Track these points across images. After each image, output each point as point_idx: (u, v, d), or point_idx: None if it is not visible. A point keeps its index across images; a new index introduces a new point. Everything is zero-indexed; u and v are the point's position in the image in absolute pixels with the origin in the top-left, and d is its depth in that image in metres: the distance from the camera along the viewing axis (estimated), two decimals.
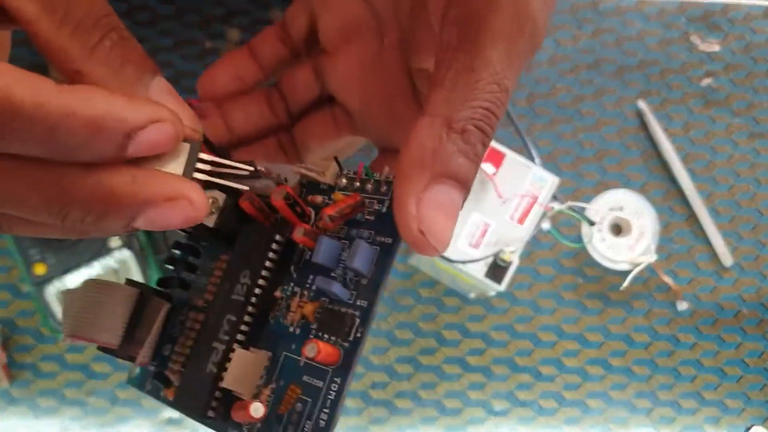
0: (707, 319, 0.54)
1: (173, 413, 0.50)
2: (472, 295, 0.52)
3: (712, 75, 0.56)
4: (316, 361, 0.22)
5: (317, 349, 0.21)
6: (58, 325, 0.49)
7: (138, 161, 0.20)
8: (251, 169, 0.23)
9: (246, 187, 0.23)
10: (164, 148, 0.20)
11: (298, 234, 0.23)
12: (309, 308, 0.23)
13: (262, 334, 0.24)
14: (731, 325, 0.54)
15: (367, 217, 0.23)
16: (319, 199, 0.24)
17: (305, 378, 0.23)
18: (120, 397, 0.50)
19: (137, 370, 0.27)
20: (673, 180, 0.54)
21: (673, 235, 0.54)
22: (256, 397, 0.23)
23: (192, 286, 0.26)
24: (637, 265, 0.48)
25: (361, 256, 0.22)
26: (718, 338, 0.53)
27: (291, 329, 0.24)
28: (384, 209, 0.23)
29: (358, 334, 0.22)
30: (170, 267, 0.26)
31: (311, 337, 0.23)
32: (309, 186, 0.25)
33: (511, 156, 0.44)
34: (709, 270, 0.54)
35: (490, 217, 0.44)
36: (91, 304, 0.24)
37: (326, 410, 0.22)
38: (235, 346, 0.23)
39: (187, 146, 0.21)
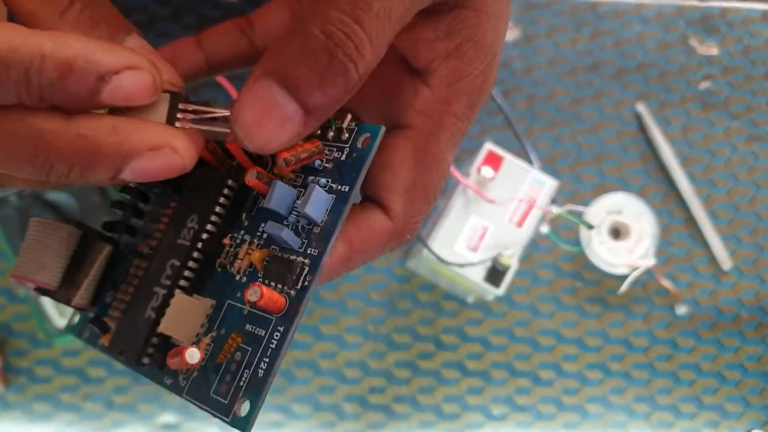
0: (706, 322, 0.53)
1: (170, 417, 0.50)
2: (470, 299, 0.51)
3: (711, 78, 0.56)
4: (258, 307, 0.21)
5: (260, 293, 0.20)
6: (54, 329, 0.48)
7: (119, 112, 0.19)
8: (228, 114, 0.21)
9: (228, 130, 0.22)
10: (143, 97, 0.19)
11: (251, 177, 0.22)
12: (257, 255, 0.22)
13: (208, 282, 0.23)
14: (730, 328, 0.53)
15: (326, 165, 0.22)
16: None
17: (248, 327, 0.22)
18: (116, 402, 0.50)
19: (77, 318, 0.26)
20: (671, 183, 0.54)
21: (672, 238, 0.54)
22: (195, 345, 0.22)
23: (138, 233, 0.26)
24: (635, 268, 0.48)
25: (315, 202, 0.21)
26: (717, 342, 0.53)
27: (237, 277, 0.23)
28: (343, 157, 0.22)
29: (306, 283, 0.21)
30: (118, 211, 0.25)
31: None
32: None
33: (509, 159, 0.44)
34: (708, 274, 0.54)
35: (489, 220, 0.43)
36: (34, 243, 0.23)
37: (266, 359, 0.21)
38: (177, 291, 0.22)
39: (167, 96, 0.20)
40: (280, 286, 0.21)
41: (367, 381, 0.51)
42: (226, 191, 0.23)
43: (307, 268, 0.21)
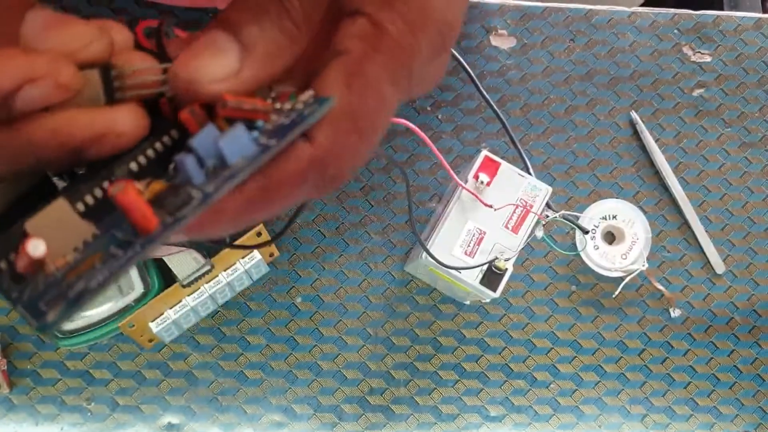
0: (700, 326, 0.54)
1: (173, 418, 0.50)
2: (467, 302, 0.52)
3: (704, 86, 0.57)
4: (120, 204, 0.18)
5: (124, 189, 0.18)
6: (59, 331, 0.49)
7: (53, 108, 0.18)
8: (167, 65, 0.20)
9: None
10: (59, 97, 0.18)
11: (185, 111, 0.20)
12: (156, 186, 0.19)
13: (106, 217, 0.20)
14: (724, 332, 0.54)
15: (267, 127, 0.20)
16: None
17: (111, 249, 0.19)
18: (120, 404, 0.51)
19: None
20: (665, 189, 0.55)
21: (666, 243, 0.55)
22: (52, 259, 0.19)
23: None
24: (629, 272, 0.49)
25: (233, 140, 0.19)
26: (711, 345, 0.54)
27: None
28: (287, 122, 0.20)
29: (184, 214, 0.18)
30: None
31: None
32: None
33: (505, 166, 0.45)
34: (702, 277, 0.55)
35: (486, 225, 0.44)
36: None
37: (105, 271, 0.18)
38: (61, 198, 0.19)
39: (95, 72, 0.19)
40: (162, 213, 0.19)
41: (367, 382, 0.52)
42: (166, 139, 0.21)
43: (194, 201, 0.18)
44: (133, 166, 0.20)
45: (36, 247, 0.18)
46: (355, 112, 0.20)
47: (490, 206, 0.44)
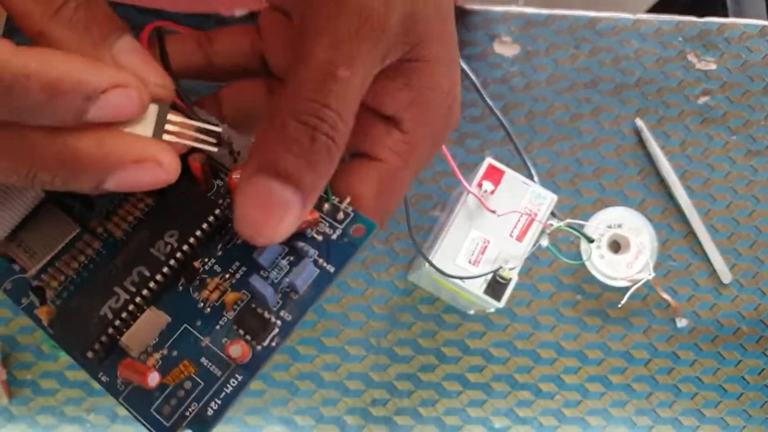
0: (707, 336, 0.54)
1: None
2: (471, 312, 0.52)
3: (709, 93, 0.56)
4: (238, 361, 0.22)
5: (241, 352, 0.22)
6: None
7: (105, 123, 0.19)
8: (219, 130, 0.22)
9: (215, 149, 0.23)
10: (129, 114, 0.19)
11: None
12: (231, 297, 0.23)
13: (166, 296, 0.23)
14: (731, 342, 0.54)
15: (315, 235, 0.23)
16: None
17: (203, 360, 0.22)
18: (119, 415, 0.50)
19: (9, 284, 0.25)
20: (671, 197, 0.55)
21: (672, 252, 0.54)
22: (143, 357, 0.23)
23: (95, 207, 0.25)
24: (635, 282, 0.49)
25: (305, 275, 0.23)
26: (718, 355, 0.54)
27: (201, 306, 0.23)
28: (335, 236, 0.23)
29: (273, 344, 0.22)
30: None
31: (219, 326, 0.23)
32: None
33: (510, 174, 0.45)
34: (708, 287, 0.54)
35: (490, 234, 0.44)
36: None
37: (218, 401, 0.22)
38: (139, 300, 0.22)
39: (155, 107, 0.20)
40: (248, 337, 0.22)
41: (369, 393, 0.51)
42: (211, 219, 0.23)
43: (277, 330, 0.22)
44: (187, 248, 0.23)
45: (153, 380, 0.21)
46: (382, 211, 0.24)
47: (494, 211, 0.44)
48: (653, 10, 0.84)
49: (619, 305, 0.51)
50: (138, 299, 0.23)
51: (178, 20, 0.54)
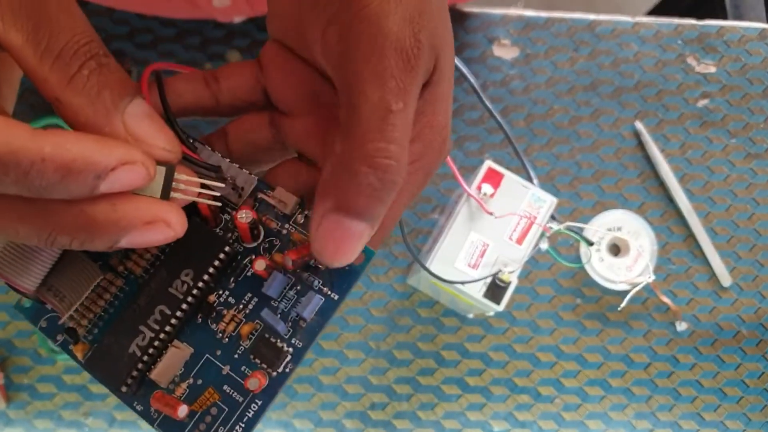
0: (706, 339, 0.53)
1: None
2: (470, 315, 0.52)
3: (709, 96, 0.56)
4: (256, 393, 0.24)
5: (259, 384, 0.24)
6: (56, 346, 0.48)
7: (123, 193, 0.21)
8: (221, 185, 0.25)
9: (219, 204, 0.25)
10: (137, 186, 0.21)
11: (259, 267, 0.25)
12: (246, 329, 0.25)
13: (187, 329, 0.25)
14: (730, 345, 0.54)
15: (319, 265, 0.25)
16: (273, 224, 0.26)
17: (225, 387, 0.25)
18: (117, 418, 0.50)
19: (45, 323, 0.28)
20: (670, 200, 0.55)
21: (671, 255, 0.54)
22: (171, 387, 0.25)
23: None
24: (635, 285, 0.48)
25: (311, 306, 0.25)
26: (718, 359, 0.53)
27: (219, 336, 0.25)
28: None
29: (287, 370, 0.24)
30: None
31: (236, 355, 0.25)
32: (262, 203, 0.26)
33: (509, 176, 0.45)
34: (708, 290, 0.54)
35: (489, 237, 0.44)
36: (18, 246, 0.25)
37: (242, 424, 0.24)
38: (163, 336, 0.25)
39: (162, 170, 0.22)
40: (264, 366, 0.25)
41: (368, 397, 0.51)
42: (222, 256, 0.25)
43: (290, 356, 0.24)
44: (202, 285, 0.25)
45: (182, 412, 0.24)
46: (376, 240, 0.25)
47: (491, 213, 0.43)
48: (652, 13, 0.84)
49: (619, 308, 0.51)
50: (162, 335, 0.25)
51: (177, 26, 0.54)
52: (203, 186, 0.24)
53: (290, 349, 0.25)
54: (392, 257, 0.53)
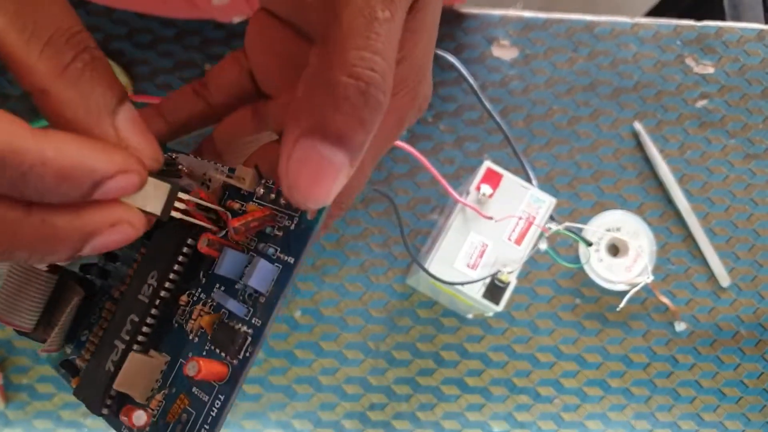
0: (705, 339, 0.54)
1: None
2: (470, 316, 0.52)
3: (707, 97, 0.56)
4: (198, 380, 0.22)
5: (198, 368, 0.21)
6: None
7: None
8: (220, 209, 0.23)
9: (216, 228, 0.23)
10: (127, 194, 0.20)
11: (202, 244, 0.22)
12: (207, 320, 0.23)
13: (166, 337, 0.23)
14: (729, 345, 0.54)
15: (276, 232, 0.23)
16: (236, 205, 0.24)
17: (194, 390, 0.22)
18: None
19: (54, 354, 0.27)
20: (669, 201, 0.55)
21: (670, 255, 0.54)
22: (149, 401, 0.23)
23: (112, 275, 0.26)
24: (634, 285, 0.49)
25: (259, 275, 0.22)
26: (717, 359, 0.53)
27: (190, 337, 0.23)
28: (293, 227, 0.22)
29: (248, 354, 0.22)
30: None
31: (204, 351, 0.23)
32: (232, 189, 0.24)
33: (508, 177, 0.45)
34: (707, 291, 0.54)
35: (488, 237, 0.44)
36: (11, 288, 0.24)
37: (206, 426, 0.22)
38: (135, 346, 0.23)
39: (167, 188, 0.21)
40: (223, 354, 0.22)
41: (368, 397, 0.51)
42: (185, 250, 0.23)
43: (249, 338, 0.22)
44: (168, 285, 0.23)
45: (139, 419, 0.22)
46: (342, 198, 0.23)
47: (490, 218, 0.43)
48: (651, 13, 0.84)
49: (618, 309, 0.51)
50: (135, 346, 0.23)
51: (176, 27, 0.54)
52: (200, 207, 0.23)
53: (250, 330, 0.22)
54: (391, 258, 0.53)
